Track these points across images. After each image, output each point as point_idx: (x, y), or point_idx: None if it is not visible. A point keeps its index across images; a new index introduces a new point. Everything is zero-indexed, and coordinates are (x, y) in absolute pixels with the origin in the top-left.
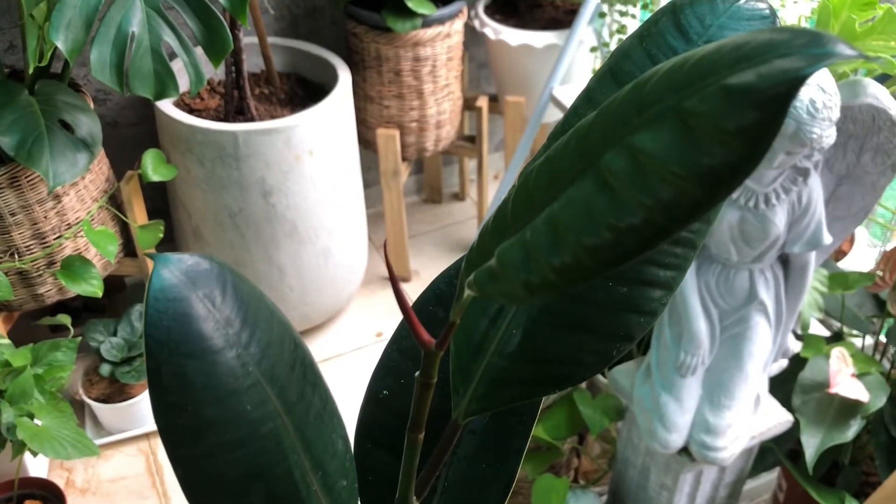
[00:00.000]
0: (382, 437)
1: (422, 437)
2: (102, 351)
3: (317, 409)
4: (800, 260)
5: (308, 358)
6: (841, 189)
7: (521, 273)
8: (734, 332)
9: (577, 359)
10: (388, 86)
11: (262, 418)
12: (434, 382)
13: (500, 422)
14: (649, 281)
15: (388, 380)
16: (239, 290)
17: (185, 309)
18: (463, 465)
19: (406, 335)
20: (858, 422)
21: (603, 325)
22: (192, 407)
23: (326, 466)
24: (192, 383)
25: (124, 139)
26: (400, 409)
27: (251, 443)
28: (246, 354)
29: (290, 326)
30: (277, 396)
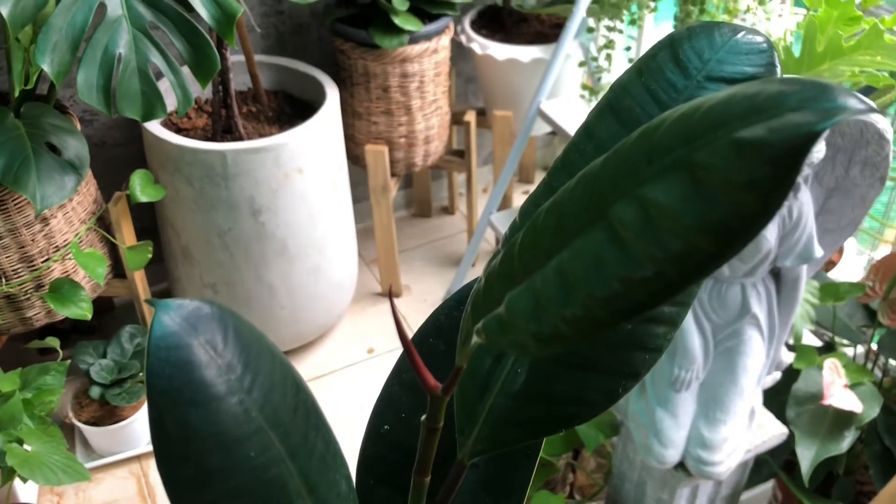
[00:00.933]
0: (384, 473)
1: (428, 480)
2: (92, 373)
3: (320, 452)
4: (791, 273)
5: (310, 400)
6: (831, 202)
7: (531, 323)
8: (728, 346)
9: (583, 398)
10: (376, 102)
11: (266, 464)
12: (440, 427)
13: (504, 455)
14: (653, 318)
15: (389, 414)
16: (240, 334)
17: (186, 356)
18: (465, 498)
19: (406, 368)
20: (852, 433)
21: (608, 363)
22: (196, 456)
23: None
24: (196, 432)
25: (112, 159)
26: (401, 442)
27: (256, 489)
28: (249, 400)
29: (291, 368)
30: (281, 441)
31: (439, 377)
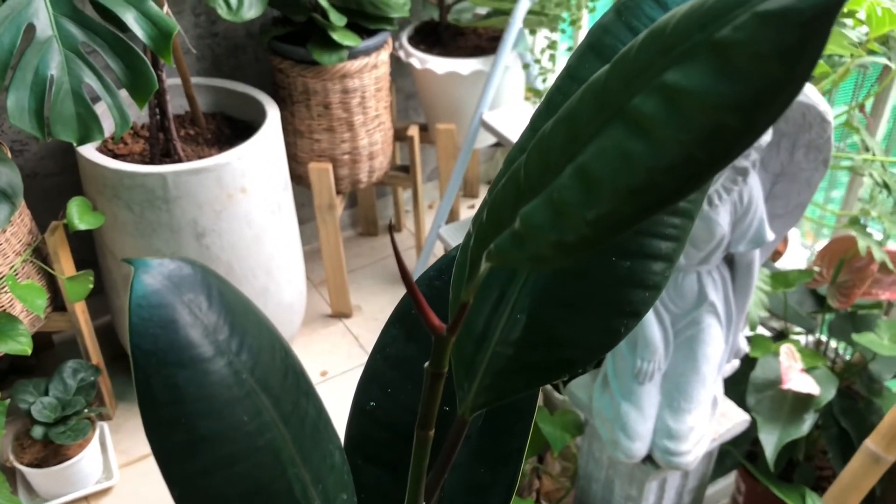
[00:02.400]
0: (372, 451)
1: (432, 434)
2: (34, 412)
3: (312, 420)
4: (745, 259)
5: (299, 366)
6: (777, 187)
7: (551, 233)
8: (687, 335)
9: (585, 339)
10: (318, 119)
11: (258, 430)
12: (445, 372)
13: (498, 423)
14: (651, 254)
15: (374, 390)
16: (225, 296)
17: (170, 315)
18: (460, 471)
19: (390, 342)
20: (812, 415)
21: (609, 302)
22: (186, 420)
23: (325, 480)
24: (185, 395)
25: (45, 190)
26: (388, 419)
27: (249, 457)
28: (238, 362)
29: (278, 333)
30: (273, 406)
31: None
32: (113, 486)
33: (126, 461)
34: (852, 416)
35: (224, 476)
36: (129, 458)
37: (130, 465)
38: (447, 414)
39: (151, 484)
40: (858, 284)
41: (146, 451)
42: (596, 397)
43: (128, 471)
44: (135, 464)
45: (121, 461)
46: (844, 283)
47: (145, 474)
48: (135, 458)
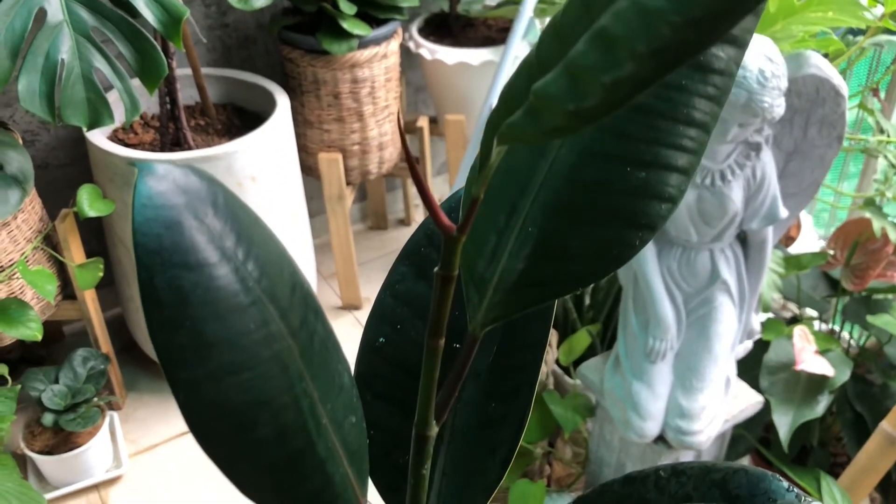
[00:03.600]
0: (381, 388)
1: (442, 342)
2: (44, 399)
3: (321, 338)
4: (758, 236)
5: (307, 285)
6: (790, 165)
7: (567, 101)
8: (700, 313)
9: (598, 252)
10: (328, 109)
11: (265, 339)
12: (456, 275)
13: (507, 358)
14: (667, 165)
15: (384, 327)
16: (231, 206)
17: (176, 217)
18: (471, 408)
19: (399, 280)
20: (826, 397)
21: (623, 213)
22: (191, 323)
23: (334, 400)
24: (189, 297)
25: (56, 181)
26: (397, 357)
27: (256, 366)
28: (244, 270)
29: (285, 250)
30: (280, 318)
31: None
32: (122, 475)
33: (135, 450)
34: (867, 400)
35: (230, 383)
36: (139, 448)
37: (140, 454)
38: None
39: (161, 473)
40: (873, 266)
41: (156, 441)
42: (607, 378)
43: (137, 460)
44: (144, 453)
45: (130, 450)
46: (858, 266)
47: (155, 464)
48: (144, 447)
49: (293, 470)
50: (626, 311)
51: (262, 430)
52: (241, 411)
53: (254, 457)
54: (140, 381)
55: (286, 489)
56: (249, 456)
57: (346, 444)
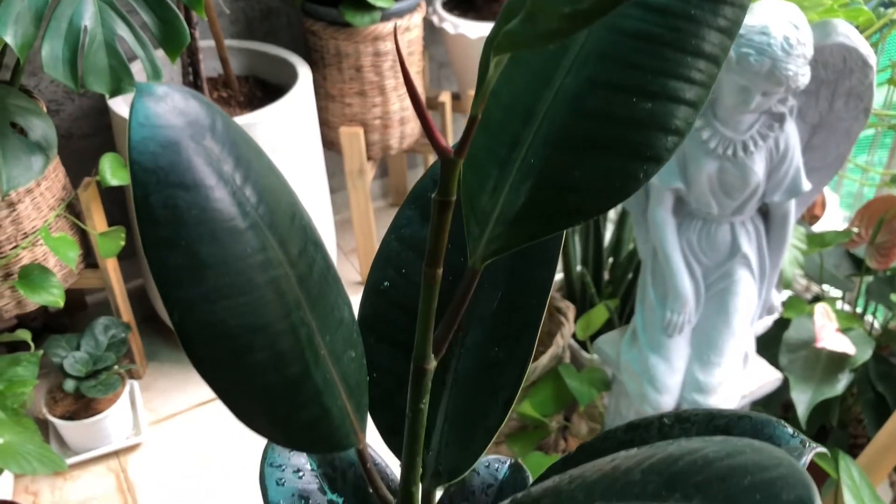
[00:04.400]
0: (385, 331)
1: (440, 272)
2: (66, 366)
3: (321, 268)
4: (780, 210)
5: (308, 216)
6: (815, 139)
7: (563, 4)
8: (719, 287)
9: (602, 184)
10: (350, 83)
11: (262, 265)
12: (454, 200)
13: (512, 301)
14: (674, 97)
15: (389, 271)
16: (231, 131)
17: (173, 136)
18: (474, 352)
19: (405, 223)
20: (847, 375)
21: (628, 144)
22: (186, 243)
23: (333, 333)
24: (185, 217)
25: (79, 151)
26: (402, 300)
27: (252, 290)
28: (241, 194)
29: (286, 182)
30: (278, 245)
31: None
32: (141, 443)
33: (155, 419)
34: (889, 380)
35: (225, 306)
36: (158, 417)
37: (159, 423)
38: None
39: (179, 442)
40: None
41: (175, 411)
42: (624, 351)
43: (156, 428)
44: (163, 422)
45: (150, 419)
46: (883, 244)
47: (173, 433)
48: (163, 416)
49: (289, 398)
50: (644, 284)
51: (257, 355)
52: (236, 335)
53: (249, 381)
54: (161, 351)
55: (282, 417)
56: (244, 380)
57: (344, 378)
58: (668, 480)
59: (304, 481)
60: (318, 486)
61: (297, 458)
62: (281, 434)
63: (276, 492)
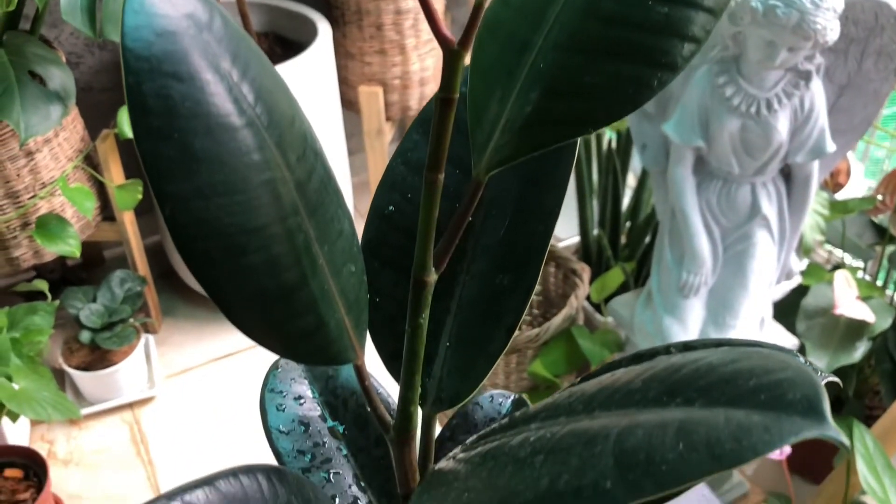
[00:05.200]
0: (390, 256)
1: (441, 177)
2: (82, 318)
3: (320, 176)
4: (803, 171)
5: (308, 123)
6: (842, 100)
7: None
8: (737, 249)
9: (614, 91)
10: (370, 41)
11: (259, 165)
12: (457, 97)
13: (518, 229)
14: (692, 2)
15: (395, 195)
16: (229, 29)
17: (168, 26)
18: (479, 280)
19: (412, 148)
20: (865, 343)
21: (642, 49)
22: (179, 135)
23: (332, 243)
24: (178, 109)
25: (99, 104)
26: (407, 225)
27: (247, 190)
28: (238, 91)
29: (286, 84)
30: (276, 147)
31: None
32: (155, 396)
33: (169, 373)
34: None
35: (219, 204)
36: (173, 371)
37: (173, 377)
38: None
39: (193, 396)
40: None
41: (189, 366)
42: (638, 312)
43: (170, 382)
44: (177, 376)
45: (164, 373)
46: None
47: (187, 387)
48: (178, 371)
49: (284, 304)
50: (661, 245)
51: (251, 257)
52: (230, 234)
53: (242, 284)
54: (177, 307)
55: (277, 323)
56: (238, 282)
57: (343, 291)
58: (669, 387)
59: (304, 408)
60: (320, 414)
61: (298, 385)
62: (276, 341)
63: (275, 417)
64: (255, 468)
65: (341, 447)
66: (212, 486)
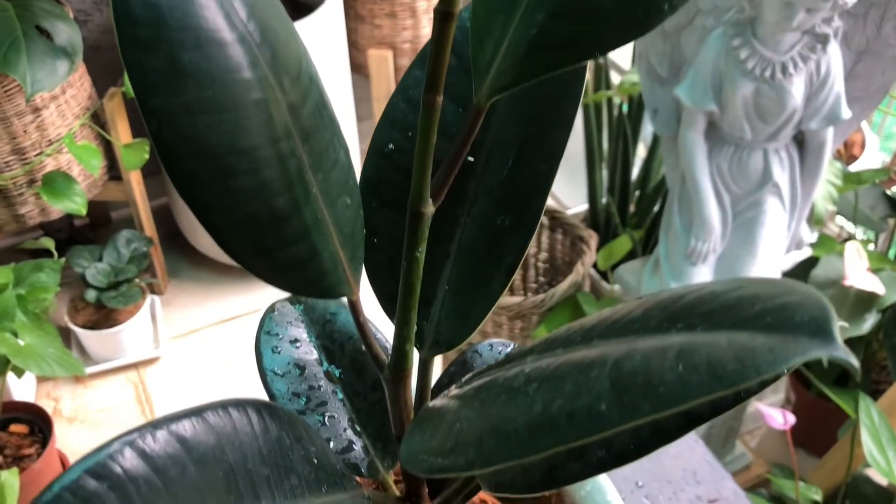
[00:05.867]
0: (389, 195)
1: (440, 99)
2: (88, 276)
3: (315, 101)
4: (816, 138)
5: (304, 48)
6: (859, 66)
7: None
8: (747, 216)
9: (623, 13)
10: (380, 3)
11: (249, 83)
12: (457, 12)
13: (522, 168)
14: None
15: (395, 133)
16: None
17: None
18: (480, 221)
19: (414, 84)
20: (874, 315)
21: None
22: (167, 47)
23: (327, 172)
24: (166, 19)
25: (107, 64)
26: (407, 164)
27: (237, 109)
28: (230, 7)
29: (282, 7)
30: (269, 66)
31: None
32: (160, 357)
33: (175, 334)
34: None
35: (207, 122)
36: (178, 332)
37: (178, 338)
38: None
39: (197, 358)
40: None
41: (195, 327)
42: (645, 279)
43: (175, 343)
44: (183, 338)
45: (170, 334)
46: None
47: (192, 348)
48: (183, 332)
49: (275, 230)
50: (670, 211)
51: (240, 179)
52: (219, 154)
53: (231, 207)
54: (183, 269)
55: (268, 250)
56: (227, 205)
57: (338, 223)
58: (671, 315)
59: (301, 351)
60: (316, 358)
61: (294, 329)
62: (267, 269)
63: (271, 359)
64: (246, 402)
65: (337, 391)
66: (200, 416)
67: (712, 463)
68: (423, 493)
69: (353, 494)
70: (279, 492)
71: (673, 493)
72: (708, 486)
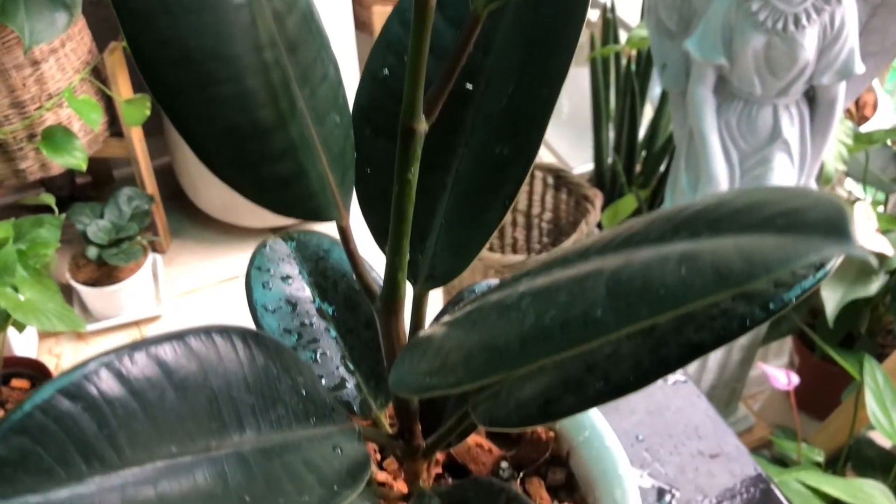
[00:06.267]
0: (384, 123)
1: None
2: (89, 233)
3: (302, 11)
4: (828, 94)
5: None
6: (875, 20)
7: None
8: (755, 174)
9: None
10: None
11: None
12: None
13: (522, 96)
14: None
15: (390, 57)
16: None
17: None
18: (476, 151)
19: (410, 5)
20: (882, 277)
21: None
22: None
23: (316, 89)
24: None
25: (108, 19)
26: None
27: (218, 11)
28: None
29: None
30: None
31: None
32: (161, 315)
33: (176, 293)
34: None
35: (186, 24)
36: (180, 291)
37: (180, 297)
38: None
39: (199, 316)
40: None
41: (197, 286)
42: None
43: (177, 302)
44: (184, 296)
45: (171, 293)
46: None
47: (194, 307)
48: (185, 291)
49: (258, 144)
50: (676, 168)
51: (221, 87)
52: (199, 60)
53: (211, 116)
54: (185, 228)
55: (250, 164)
56: (206, 114)
57: (326, 142)
58: (675, 225)
59: (293, 288)
60: (308, 294)
61: (286, 265)
62: (249, 185)
63: (261, 295)
64: (231, 329)
65: (329, 328)
66: (182, 340)
67: (714, 418)
68: (416, 431)
69: (343, 427)
70: (265, 421)
71: (674, 447)
72: (709, 440)
